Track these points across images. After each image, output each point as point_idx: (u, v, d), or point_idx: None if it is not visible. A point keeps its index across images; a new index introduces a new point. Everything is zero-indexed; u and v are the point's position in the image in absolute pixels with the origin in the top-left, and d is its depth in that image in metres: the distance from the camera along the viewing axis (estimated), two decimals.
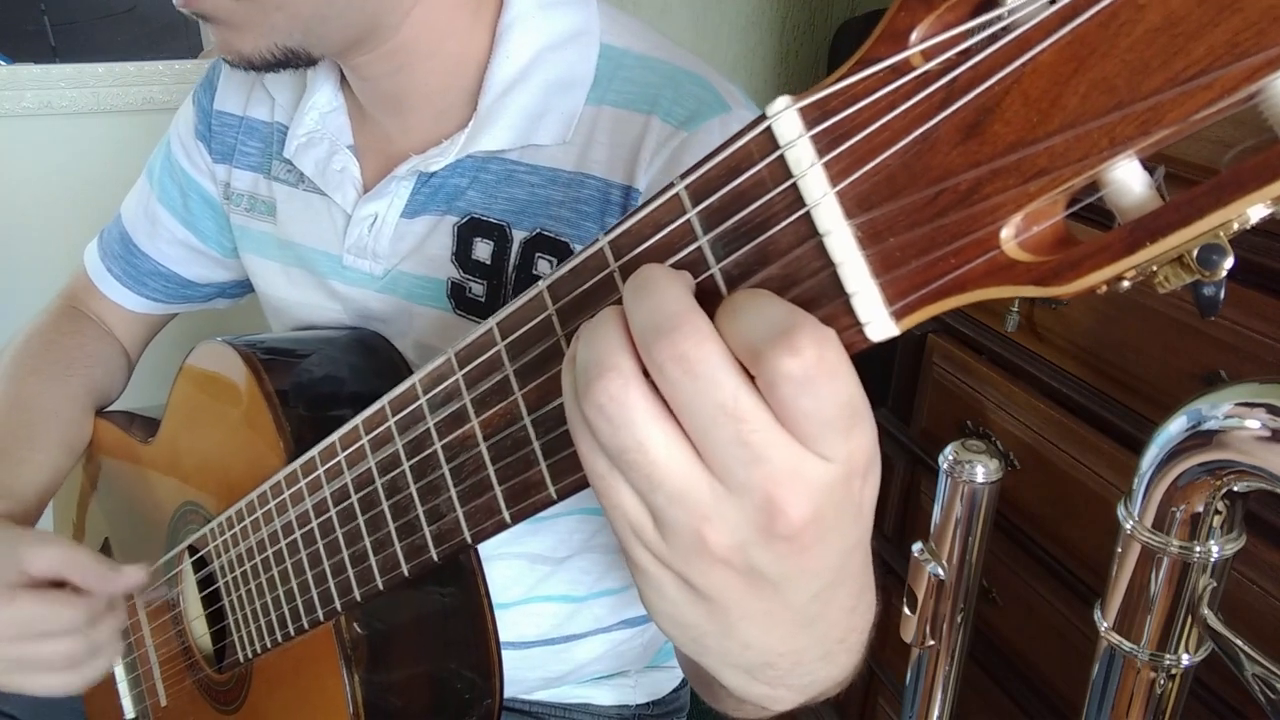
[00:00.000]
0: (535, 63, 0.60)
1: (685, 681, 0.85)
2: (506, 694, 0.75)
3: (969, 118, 0.24)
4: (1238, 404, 0.41)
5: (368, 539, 0.45)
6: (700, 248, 0.29)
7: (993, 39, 0.23)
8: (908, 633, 0.60)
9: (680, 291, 0.27)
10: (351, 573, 0.47)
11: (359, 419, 0.44)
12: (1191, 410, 0.43)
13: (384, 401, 0.42)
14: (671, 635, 0.32)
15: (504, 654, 0.61)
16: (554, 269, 0.33)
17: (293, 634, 0.54)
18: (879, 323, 0.26)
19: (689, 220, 0.29)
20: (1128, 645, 0.48)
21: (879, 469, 0.29)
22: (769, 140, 0.27)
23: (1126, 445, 0.92)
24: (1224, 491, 0.44)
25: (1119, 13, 0.21)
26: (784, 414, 0.26)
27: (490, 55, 0.61)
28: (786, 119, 0.27)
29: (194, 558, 0.66)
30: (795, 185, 0.27)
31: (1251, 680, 0.44)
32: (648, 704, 0.81)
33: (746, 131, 0.28)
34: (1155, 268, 0.22)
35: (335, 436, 0.46)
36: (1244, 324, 0.81)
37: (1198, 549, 0.45)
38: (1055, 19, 0.22)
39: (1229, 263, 0.21)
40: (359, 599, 0.47)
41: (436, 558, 0.41)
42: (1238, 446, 0.41)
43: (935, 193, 0.25)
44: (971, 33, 0.23)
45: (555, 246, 0.60)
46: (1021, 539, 1.06)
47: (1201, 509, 0.44)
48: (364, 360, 0.65)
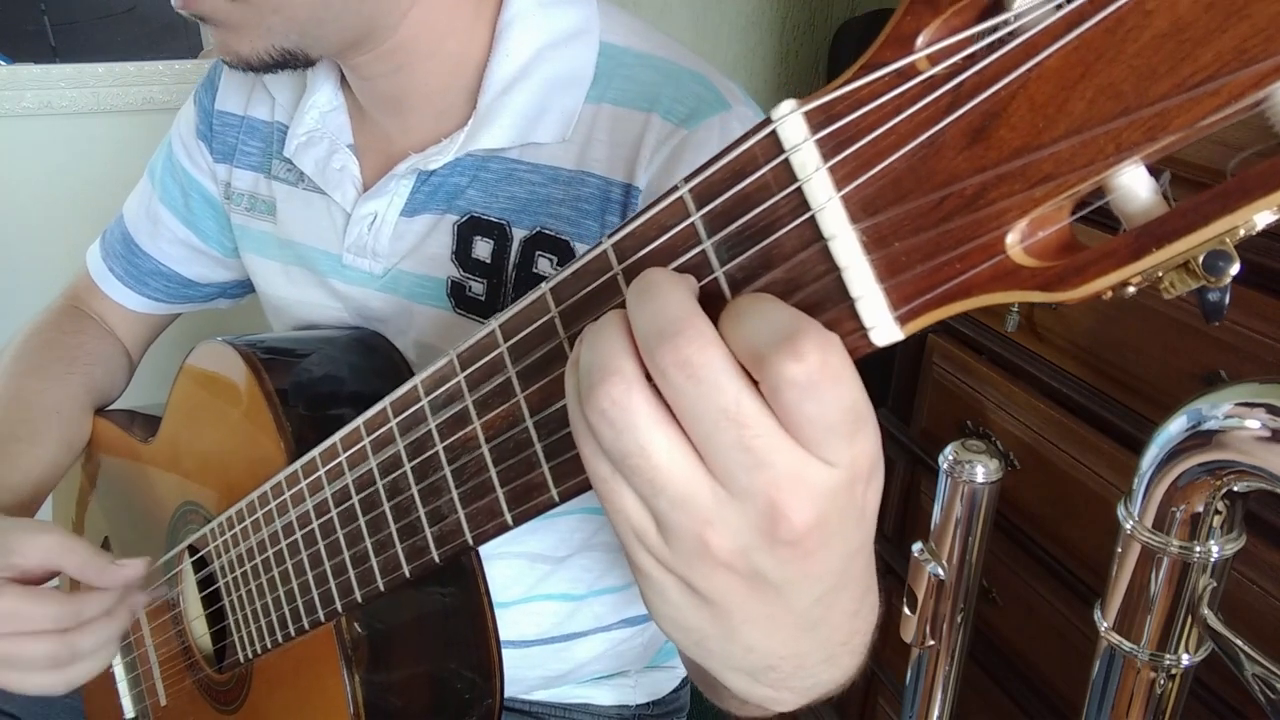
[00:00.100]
0: (535, 61, 0.60)
1: (685, 681, 0.85)
2: (507, 693, 0.75)
3: (975, 122, 0.24)
4: (1238, 404, 0.41)
5: (369, 540, 0.45)
6: (704, 251, 0.29)
7: (999, 44, 0.23)
8: (908, 633, 0.60)
9: (683, 296, 0.27)
10: (352, 574, 0.47)
11: (360, 420, 0.44)
12: (1192, 410, 0.43)
13: (386, 403, 0.42)
14: (674, 638, 0.32)
15: (504, 653, 0.60)
16: (557, 271, 0.33)
17: (293, 634, 0.54)
18: (883, 328, 0.26)
19: (693, 223, 0.29)
20: (1128, 645, 0.48)
21: (882, 473, 0.29)
22: (774, 144, 0.27)
23: (1126, 445, 0.92)
24: (1224, 491, 0.44)
25: (1126, 18, 0.21)
26: (787, 419, 0.26)
27: (490, 53, 0.61)
28: (791, 123, 0.26)
29: (194, 557, 0.66)
30: (800, 189, 0.27)
31: (1251, 680, 0.44)
32: (648, 704, 0.81)
33: (751, 135, 0.27)
34: (1161, 274, 0.22)
35: (337, 437, 0.46)
36: (1244, 324, 0.81)
37: (1198, 549, 0.45)
38: (1062, 24, 0.22)
39: (1235, 269, 0.21)
40: (360, 600, 0.47)
41: (438, 559, 0.41)
42: (1238, 446, 0.41)
43: (941, 197, 0.24)
44: (978, 37, 0.23)
45: (555, 245, 0.60)
46: (1021, 539, 1.06)
47: (1201, 509, 0.44)
48: (364, 360, 0.65)
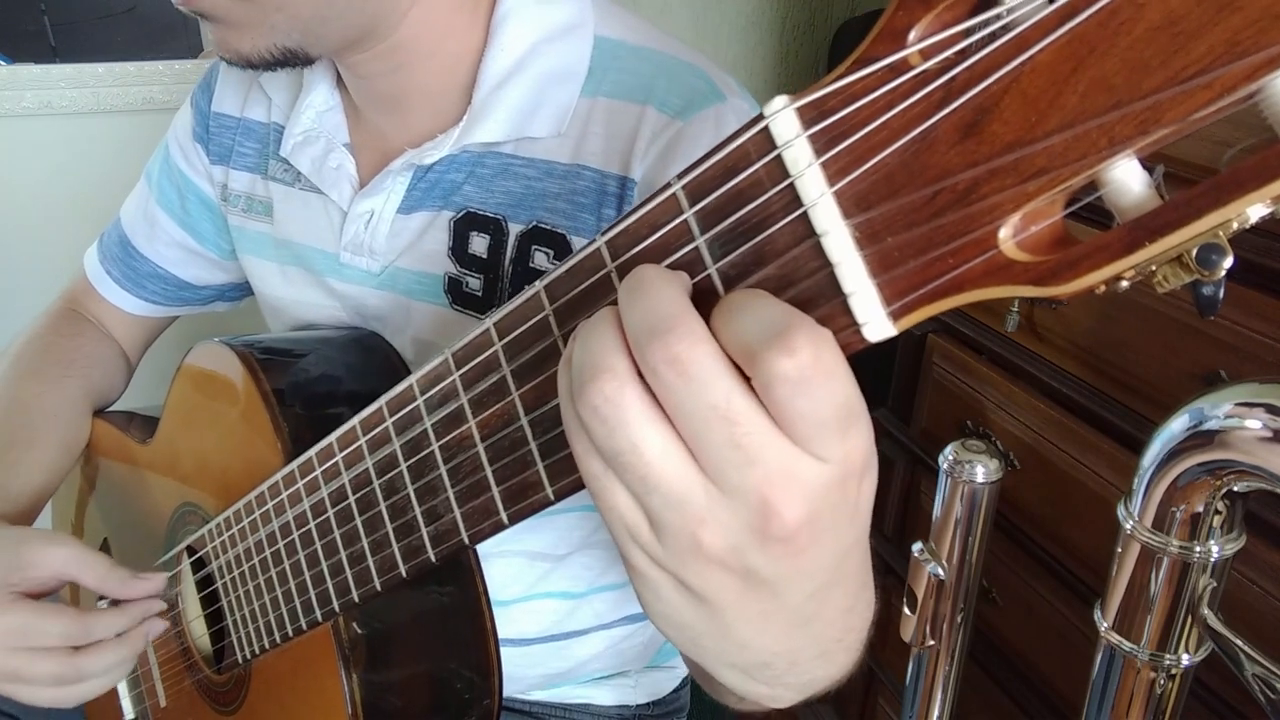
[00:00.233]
0: (530, 55, 0.60)
1: (685, 681, 0.85)
2: (507, 693, 0.75)
3: (967, 117, 0.24)
4: (1238, 404, 0.41)
5: (365, 540, 0.45)
6: (697, 248, 0.29)
7: (991, 38, 0.23)
8: (907, 633, 0.60)
9: (674, 293, 0.27)
10: (350, 573, 0.47)
11: (356, 420, 0.44)
12: (1193, 410, 0.43)
13: (381, 402, 0.42)
14: (669, 635, 0.32)
15: (504, 651, 0.60)
16: (551, 268, 0.33)
17: (291, 635, 0.54)
18: (876, 323, 0.26)
19: (686, 220, 0.29)
20: (1128, 645, 0.48)
21: (876, 469, 0.29)
22: (766, 140, 0.27)
23: (1126, 445, 0.92)
24: (1224, 491, 0.44)
25: (1118, 11, 0.21)
26: (780, 415, 0.26)
27: (484, 49, 0.61)
28: (784, 118, 0.26)
29: (193, 558, 0.66)
30: (792, 185, 0.27)
31: (1251, 680, 0.44)
32: (648, 704, 0.81)
33: (744, 131, 0.27)
34: (1154, 267, 0.22)
35: (333, 437, 0.46)
36: (1244, 324, 0.81)
37: (1198, 549, 0.45)
38: (1054, 18, 0.22)
39: (1228, 262, 0.21)
40: (357, 599, 0.47)
41: (434, 558, 0.41)
42: (1238, 446, 0.41)
43: (933, 192, 0.24)
44: (970, 32, 0.23)
45: (552, 239, 0.60)
46: (1021, 539, 1.06)
47: (1201, 509, 0.44)
48: (361, 360, 0.65)
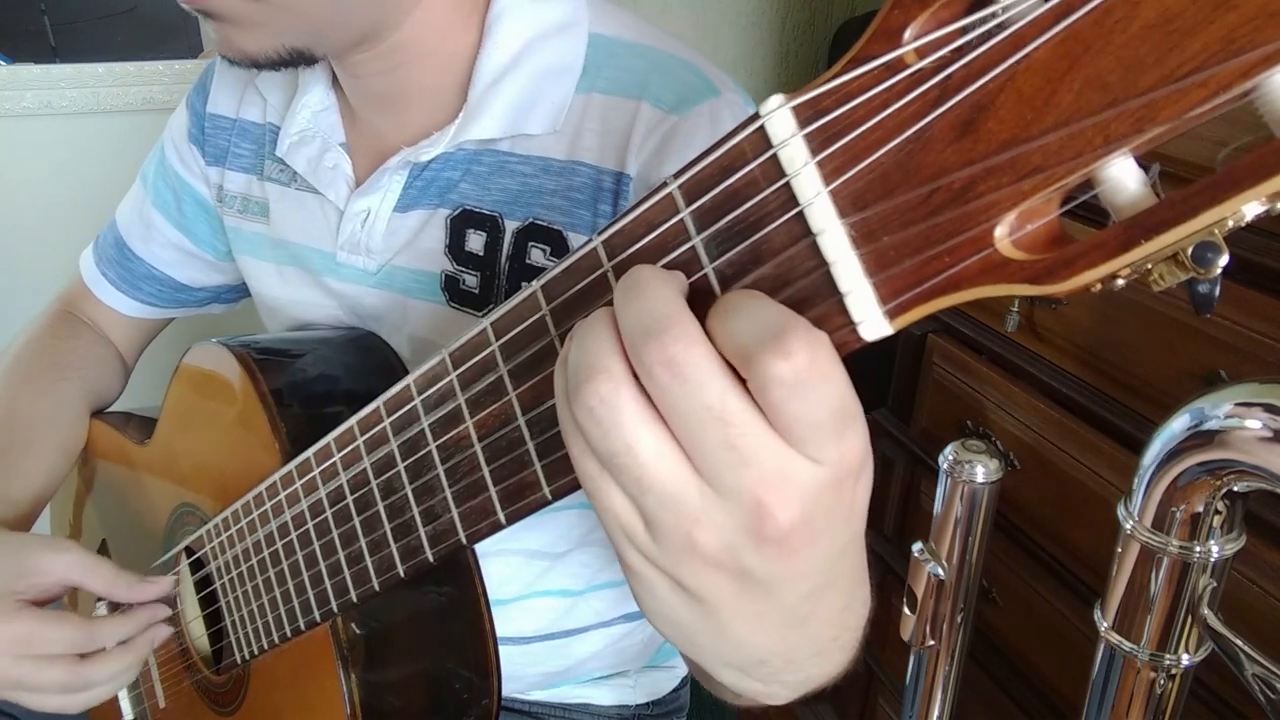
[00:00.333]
0: (525, 52, 0.60)
1: (685, 681, 0.85)
2: (506, 693, 0.75)
3: (963, 115, 0.24)
4: (1238, 404, 0.41)
5: (363, 540, 0.45)
6: (693, 247, 0.29)
7: (986, 36, 0.23)
8: (907, 633, 0.60)
9: (669, 294, 0.27)
10: (348, 574, 0.47)
11: (354, 420, 0.44)
12: (1193, 409, 0.42)
13: (379, 402, 0.42)
14: (665, 634, 0.32)
15: (503, 650, 0.60)
16: (548, 265, 0.33)
17: (290, 635, 0.54)
18: (872, 322, 0.26)
19: (682, 220, 0.29)
20: (1128, 645, 0.48)
21: (871, 470, 0.29)
22: (762, 139, 0.27)
23: (1126, 445, 0.92)
24: (1224, 491, 0.44)
25: (1114, 9, 0.21)
26: (775, 417, 0.26)
27: (480, 46, 0.61)
28: (779, 118, 0.26)
29: (191, 559, 0.66)
30: (788, 184, 0.26)
31: (1251, 680, 0.44)
32: (647, 704, 0.81)
33: (740, 130, 0.27)
34: (1150, 265, 0.22)
35: (331, 437, 0.46)
36: (1244, 324, 0.81)
37: (1198, 549, 0.45)
38: (1049, 16, 0.22)
39: (1224, 260, 0.21)
40: (355, 599, 0.47)
41: (432, 558, 0.41)
42: (1238, 446, 0.40)
43: (929, 191, 0.24)
44: (965, 30, 0.23)
45: (548, 235, 0.60)
46: (1021, 539, 1.06)
47: (1201, 509, 0.44)
48: (359, 360, 0.65)
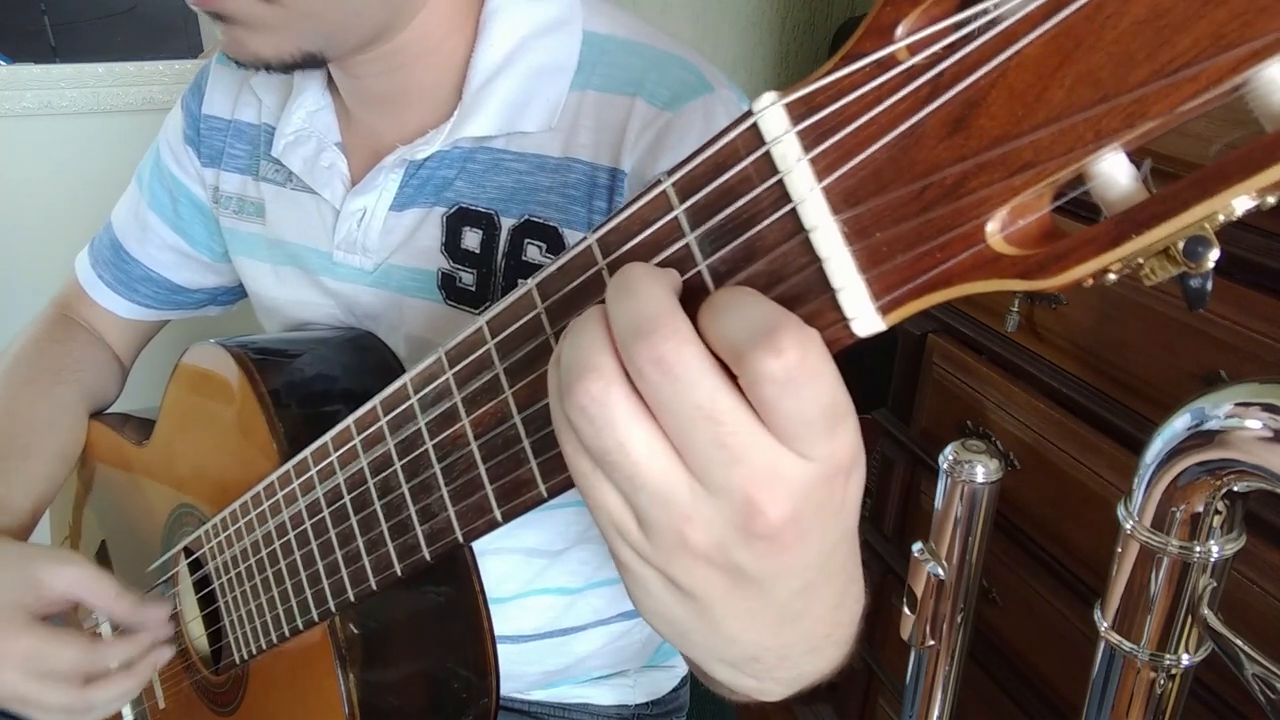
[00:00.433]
0: (519, 50, 0.61)
1: (684, 681, 0.85)
2: (506, 692, 0.74)
3: (955, 112, 0.24)
4: (1238, 404, 0.41)
5: (360, 539, 0.45)
6: (688, 244, 0.29)
7: (978, 33, 0.23)
8: (907, 633, 0.60)
9: (660, 292, 0.27)
10: (345, 573, 0.47)
11: (351, 419, 0.44)
12: (1193, 409, 0.42)
13: (375, 401, 0.42)
14: (659, 630, 0.32)
15: (502, 648, 0.60)
16: (544, 262, 0.33)
17: (288, 634, 0.54)
18: (865, 318, 0.26)
19: (676, 217, 0.29)
20: (1128, 645, 0.48)
21: (863, 467, 0.29)
22: (755, 136, 0.27)
23: (1126, 445, 0.92)
24: (1224, 491, 0.43)
25: (1104, 5, 0.21)
26: (766, 414, 0.26)
27: (474, 45, 0.61)
28: (772, 115, 0.26)
29: (190, 559, 0.66)
30: (781, 181, 0.26)
31: (1251, 680, 0.44)
32: (647, 704, 0.81)
33: (733, 127, 0.27)
34: (1141, 260, 0.22)
35: (328, 437, 0.46)
36: (1244, 324, 0.81)
37: (1198, 549, 0.45)
38: (1040, 12, 0.22)
39: (1215, 254, 0.21)
40: (353, 599, 0.47)
41: (429, 557, 0.41)
42: (1238, 446, 0.40)
43: (921, 187, 0.24)
44: (957, 27, 0.23)
45: (544, 232, 0.60)
46: (1021, 539, 1.06)
47: (1201, 509, 0.44)
48: (357, 360, 0.65)
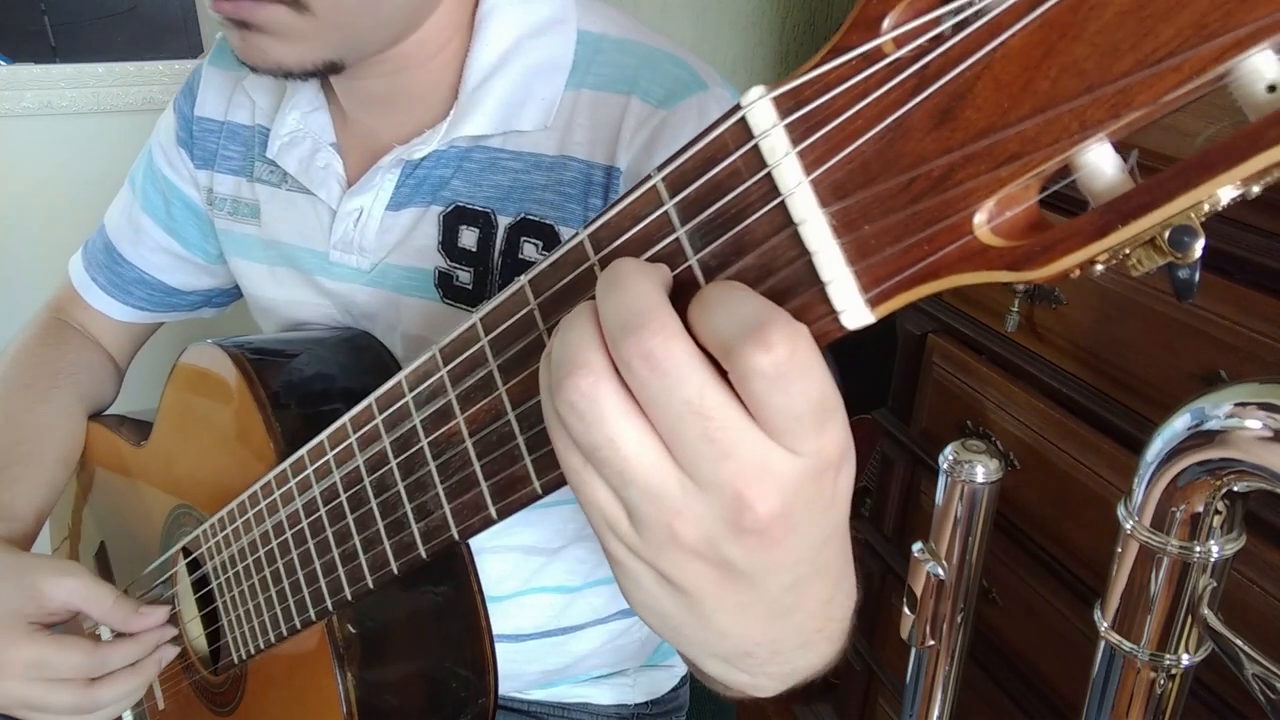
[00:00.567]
0: (514, 50, 0.61)
1: (684, 680, 0.85)
2: (505, 691, 0.74)
3: (941, 104, 0.24)
4: (1238, 404, 0.40)
5: (357, 537, 0.45)
6: (678, 239, 0.29)
7: (963, 25, 0.23)
8: (907, 633, 0.60)
9: (649, 288, 0.27)
10: (342, 571, 0.47)
11: (347, 417, 0.44)
12: (1193, 409, 0.42)
13: (371, 399, 0.42)
14: (651, 625, 0.32)
15: (501, 647, 0.61)
16: (537, 261, 0.33)
17: (285, 634, 0.54)
18: (854, 310, 0.26)
19: (666, 212, 0.29)
20: (1128, 645, 0.48)
21: (853, 462, 0.29)
22: (743, 130, 0.27)
23: (1126, 445, 0.92)
24: (1224, 491, 0.43)
25: None
26: (756, 409, 0.26)
27: (469, 45, 0.61)
28: (760, 109, 0.26)
29: (188, 559, 0.66)
30: (770, 175, 0.27)
31: (1251, 680, 0.44)
32: (646, 703, 0.81)
33: (721, 122, 0.27)
34: (1128, 250, 0.22)
35: (323, 436, 0.46)
36: (1244, 324, 0.81)
37: (1198, 549, 0.45)
38: (1025, 4, 0.22)
39: (1200, 244, 0.21)
40: (350, 598, 0.47)
41: (425, 555, 0.41)
42: (1238, 446, 0.40)
43: (909, 179, 0.24)
44: (943, 19, 0.23)
45: (540, 230, 0.61)
46: (1021, 539, 1.06)
47: (1201, 509, 0.44)
48: (353, 359, 0.65)
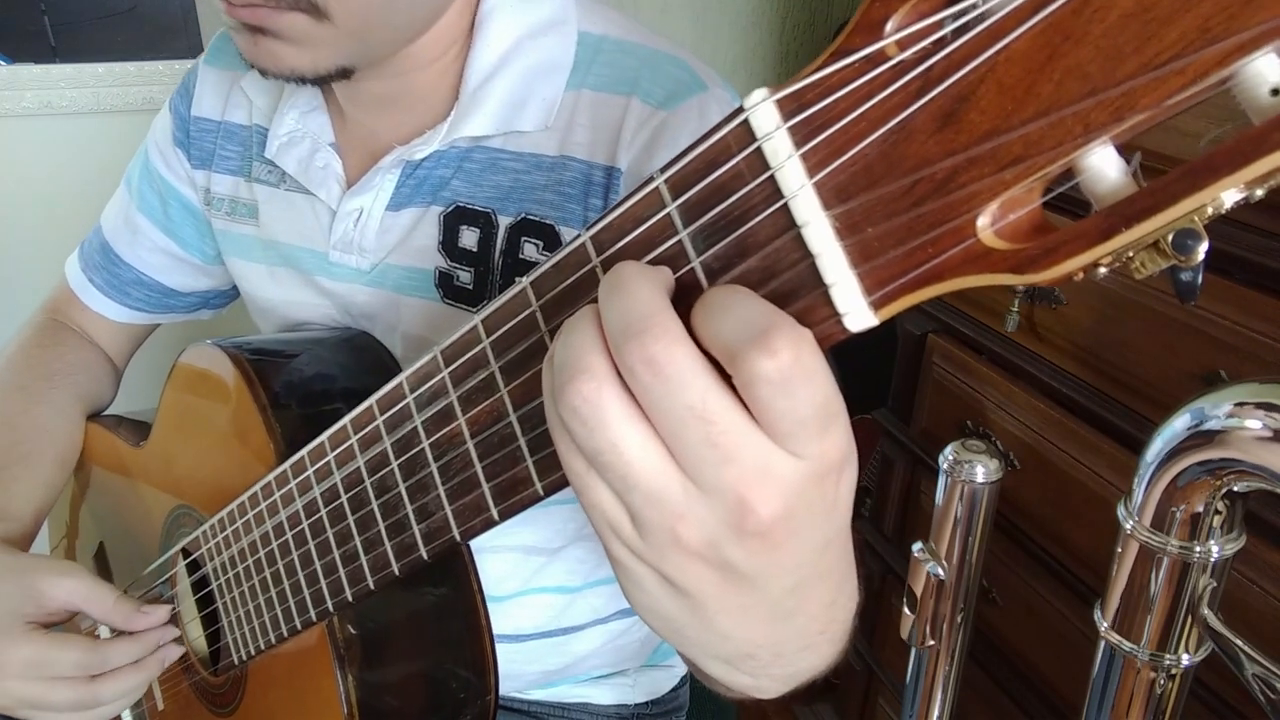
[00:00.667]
0: (514, 50, 0.61)
1: (684, 680, 0.85)
2: (505, 692, 0.74)
3: (945, 106, 0.24)
4: (1238, 404, 0.40)
5: (358, 538, 0.45)
6: (680, 241, 0.29)
7: (967, 28, 0.23)
8: (907, 633, 0.60)
9: (651, 292, 0.27)
10: (343, 572, 0.47)
11: (348, 418, 0.44)
12: (1193, 409, 0.42)
13: (372, 401, 0.42)
14: (653, 627, 0.32)
15: (501, 647, 0.61)
16: (541, 260, 0.33)
17: (286, 635, 0.54)
18: (857, 313, 0.26)
19: (669, 214, 0.29)
20: (1128, 645, 0.48)
21: (855, 465, 0.29)
22: (746, 133, 0.27)
23: (1126, 445, 0.92)
24: (1224, 491, 0.43)
25: (1092, 0, 0.21)
26: (760, 414, 0.26)
27: (470, 46, 0.62)
28: (763, 111, 0.26)
29: (188, 560, 0.66)
30: (773, 177, 0.27)
31: (1251, 680, 0.44)
32: (646, 703, 0.81)
33: (725, 124, 0.27)
34: (1131, 254, 0.22)
35: (324, 436, 0.46)
36: (1244, 324, 0.81)
37: (1198, 549, 0.45)
38: (1028, 6, 0.22)
39: (1204, 247, 0.21)
40: (351, 598, 0.47)
41: (426, 556, 0.41)
42: (1238, 446, 0.40)
43: (912, 182, 0.24)
44: (946, 22, 0.23)
45: (541, 230, 0.61)
46: (1021, 539, 1.06)
47: (1201, 509, 0.44)
48: (353, 360, 0.65)
